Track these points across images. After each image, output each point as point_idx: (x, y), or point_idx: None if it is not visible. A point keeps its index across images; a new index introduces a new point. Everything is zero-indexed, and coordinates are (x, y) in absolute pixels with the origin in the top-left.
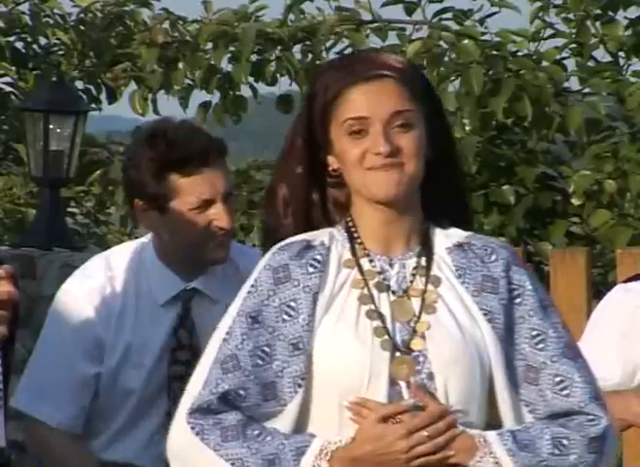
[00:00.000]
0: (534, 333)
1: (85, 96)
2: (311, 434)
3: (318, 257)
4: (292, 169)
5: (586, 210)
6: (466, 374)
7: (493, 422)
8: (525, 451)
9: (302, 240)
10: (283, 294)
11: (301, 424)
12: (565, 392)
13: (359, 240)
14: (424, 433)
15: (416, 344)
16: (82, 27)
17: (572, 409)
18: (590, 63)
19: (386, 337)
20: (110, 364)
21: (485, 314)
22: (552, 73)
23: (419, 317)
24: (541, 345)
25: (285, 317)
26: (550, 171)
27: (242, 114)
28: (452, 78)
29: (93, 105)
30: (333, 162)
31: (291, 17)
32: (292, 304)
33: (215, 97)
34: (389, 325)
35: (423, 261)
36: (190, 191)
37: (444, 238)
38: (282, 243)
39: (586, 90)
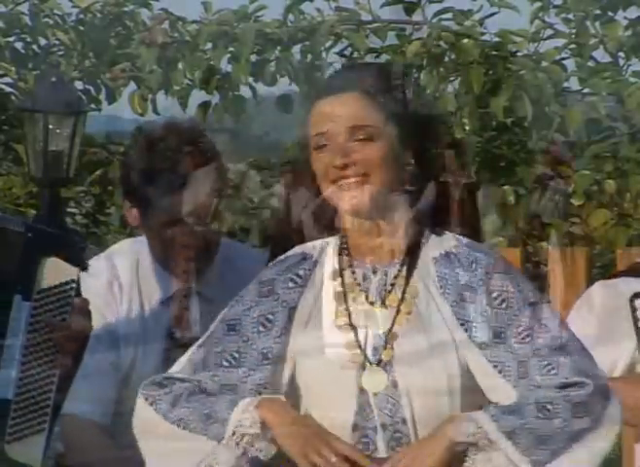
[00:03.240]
0: (520, 329)
1: (84, 97)
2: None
3: (301, 272)
4: (301, 183)
5: (585, 210)
6: (429, 383)
7: None
8: (509, 415)
9: (298, 254)
10: (264, 306)
11: None
12: (553, 372)
13: (346, 251)
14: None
15: (386, 355)
16: (81, 28)
17: (560, 383)
18: (590, 63)
19: (357, 350)
20: (125, 362)
21: (462, 324)
22: (552, 73)
23: (391, 328)
24: (528, 339)
25: (261, 328)
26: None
27: (242, 114)
28: (452, 78)
29: (93, 105)
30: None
31: (290, 17)
32: (269, 316)
33: (215, 97)
34: (362, 337)
35: (404, 270)
36: (165, 209)
37: (436, 246)
38: (280, 257)
39: (586, 91)
